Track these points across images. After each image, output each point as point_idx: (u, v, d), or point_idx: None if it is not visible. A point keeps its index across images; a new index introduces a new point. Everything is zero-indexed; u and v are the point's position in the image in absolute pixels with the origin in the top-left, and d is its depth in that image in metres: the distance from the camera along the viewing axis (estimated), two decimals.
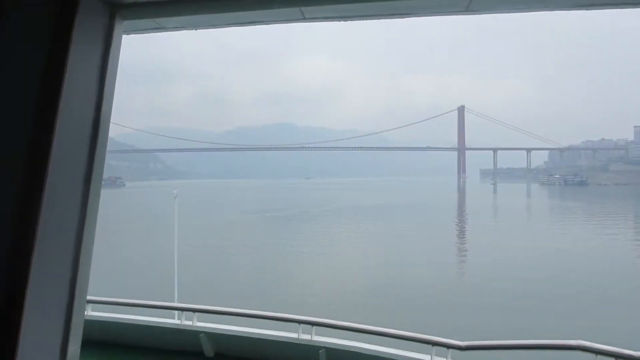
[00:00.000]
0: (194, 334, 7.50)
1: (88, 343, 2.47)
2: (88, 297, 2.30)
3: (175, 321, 7.97)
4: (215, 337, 7.50)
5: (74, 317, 2.01)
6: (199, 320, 7.74)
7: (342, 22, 2.42)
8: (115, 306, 8.40)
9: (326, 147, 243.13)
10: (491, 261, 37.66)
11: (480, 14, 2.37)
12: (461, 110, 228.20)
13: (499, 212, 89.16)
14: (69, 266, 1.98)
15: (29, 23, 1.92)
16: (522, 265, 35.62)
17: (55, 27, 1.90)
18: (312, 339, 7.02)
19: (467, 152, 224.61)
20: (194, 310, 7.79)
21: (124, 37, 2.28)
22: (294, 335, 7.15)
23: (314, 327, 7.07)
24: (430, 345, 6.28)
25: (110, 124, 2.26)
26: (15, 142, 1.87)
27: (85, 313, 2.60)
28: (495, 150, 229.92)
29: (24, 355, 1.71)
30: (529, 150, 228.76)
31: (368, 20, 2.45)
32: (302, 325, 7.12)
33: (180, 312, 8.03)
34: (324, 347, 6.89)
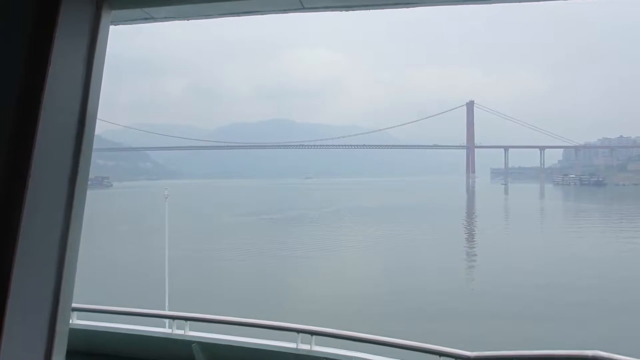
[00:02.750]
0: (186, 343, 7.49)
1: (73, 353, 2.46)
2: (73, 305, 2.29)
3: (166, 330, 7.96)
4: (209, 347, 7.48)
5: (58, 325, 2.00)
6: (191, 329, 7.73)
7: (343, 13, 2.41)
8: (102, 314, 8.40)
9: (326, 145, 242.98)
10: (502, 266, 37.66)
11: (491, 3, 2.37)
12: (470, 105, 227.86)
13: (511, 214, 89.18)
14: (53, 271, 1.98)
15: (10, 13, 1.91)
16: (535, 271, 35.62)
17: (39, 17, 1.89)
18: (312, 349, 7.01)
19: (476, 150, 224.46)
20: (186, 319, 7.78)
21: (112, 27, 2.27)
22: (292, 345, 7.14)
23: (314, 336, 7.06)
24: (437, 356, 6.28)
25: (97, 120, 2.26)
26: None
27: (70, 321, 2.60)
28: (506, 148, 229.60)
29: None
30: (542, 148, 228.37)
31: (371, 10, 2.44)
32: (300, 334, 7.11)
33: (171, 320, 8.02)
34: (324, 358, 6.89)
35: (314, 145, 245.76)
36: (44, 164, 1.88)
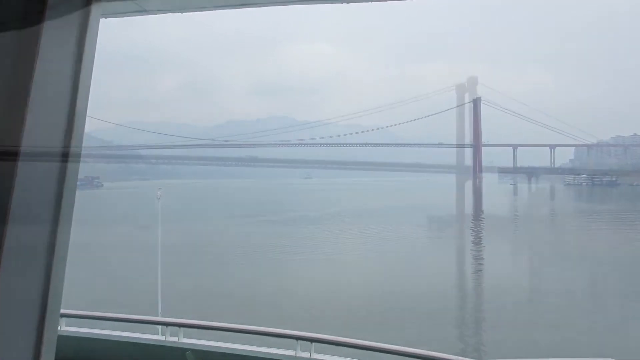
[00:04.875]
0: (179, 351, 7.49)
1: None
2: (62, 311, 2.29)
3: (159, 337, 7.96)
4: (203, 355, 7.49)
5: (46, 332, 2.00)
6: (185, 336, 7.73)
7: (344, 5, 2.40)
8: (92, 320, 8.40)
9: (327, 144, 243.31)
10: (511, 270, 37.66)
11: None
12: (477, 102, 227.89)
13: (520, 215, 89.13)
14: (40, 276, 1.97)
15: None
16: (545, 275, 35.61)
17: (25, 10, 1.89)
18: (311, 357, 7.01)
19: (483, 149, 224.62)
20: (180, 325, 7.78)
21: (102, 20, 2.26)
22: (290, 352, 7.14)
23: (314, 343, 7.06)
24: None
25: (87, 118, 2.25)
26: None
27: (59, 328, 2.60)
28: (515, 147, 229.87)
29: None
30: (552, 147, 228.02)
31: (373, 3, 2.44)
32: (300, 341, 7.11)
33: (164, 327, 8.02)
34: None
35: (314, 144, 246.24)
36: (32, 163, 1.88)
